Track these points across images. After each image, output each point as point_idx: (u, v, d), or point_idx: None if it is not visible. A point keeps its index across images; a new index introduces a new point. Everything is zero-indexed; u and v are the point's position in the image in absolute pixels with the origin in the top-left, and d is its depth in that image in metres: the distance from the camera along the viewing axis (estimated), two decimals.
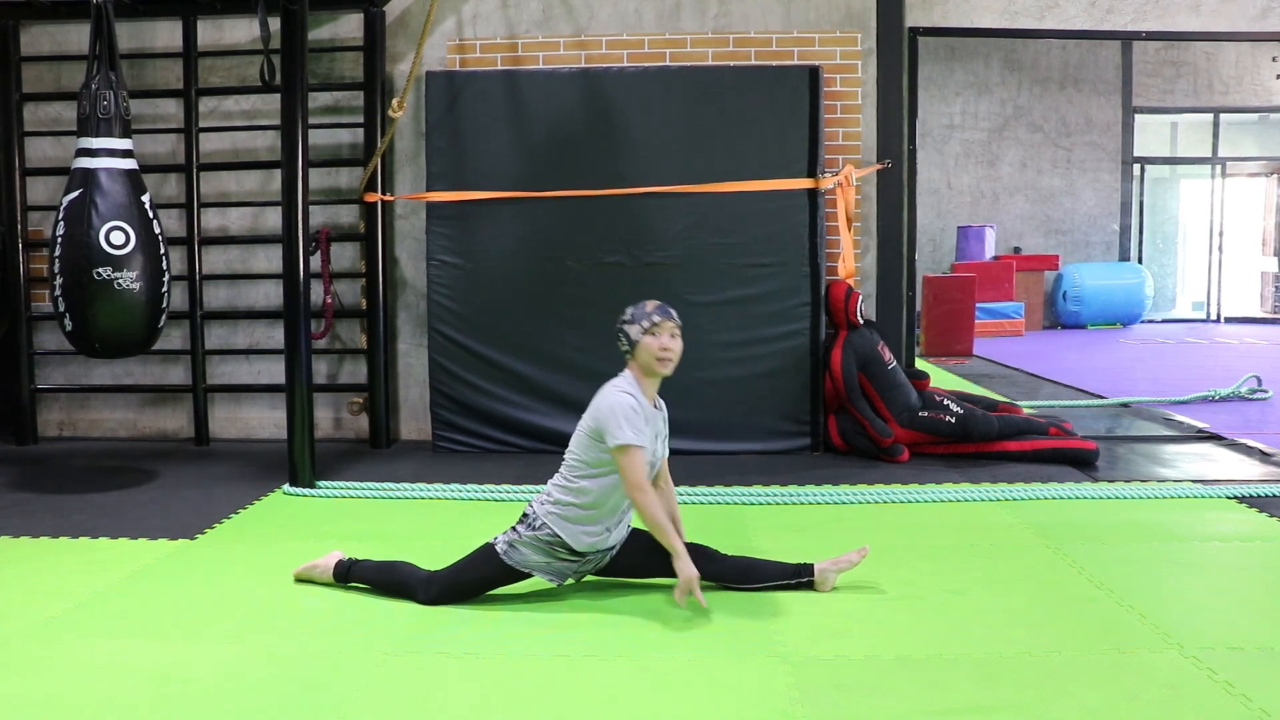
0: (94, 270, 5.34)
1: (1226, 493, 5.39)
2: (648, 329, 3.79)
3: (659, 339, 3.79)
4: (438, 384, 6.69)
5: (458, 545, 4.02)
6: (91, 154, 5.42)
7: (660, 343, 3.79)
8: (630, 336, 3.81)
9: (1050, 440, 6.27)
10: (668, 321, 3.82)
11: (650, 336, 3.79)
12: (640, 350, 3.80)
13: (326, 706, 3.02)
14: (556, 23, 6.89)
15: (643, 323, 3.80)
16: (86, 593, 4.03)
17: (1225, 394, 8.63)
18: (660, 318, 3.81)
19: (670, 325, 3.83)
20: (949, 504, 5.32)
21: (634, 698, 3.08)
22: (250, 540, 4.83)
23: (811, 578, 3.94)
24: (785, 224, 6.50)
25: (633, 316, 3.84)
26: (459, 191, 6.58)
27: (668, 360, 3.81)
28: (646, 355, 3.79)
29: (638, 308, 3.86)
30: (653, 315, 3.81)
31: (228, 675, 3.24)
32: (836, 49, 6.80)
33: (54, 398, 7.37)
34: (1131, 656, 3.31)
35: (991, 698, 3.01)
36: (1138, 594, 3.89)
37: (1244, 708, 2.91)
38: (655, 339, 3.79)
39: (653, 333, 3.79)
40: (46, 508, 5.37)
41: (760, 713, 2.95)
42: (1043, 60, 16.45)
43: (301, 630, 3.64)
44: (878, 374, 6.44)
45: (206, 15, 6.94)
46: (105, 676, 3.24)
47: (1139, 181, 17.19)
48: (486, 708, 3.02)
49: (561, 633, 3.58)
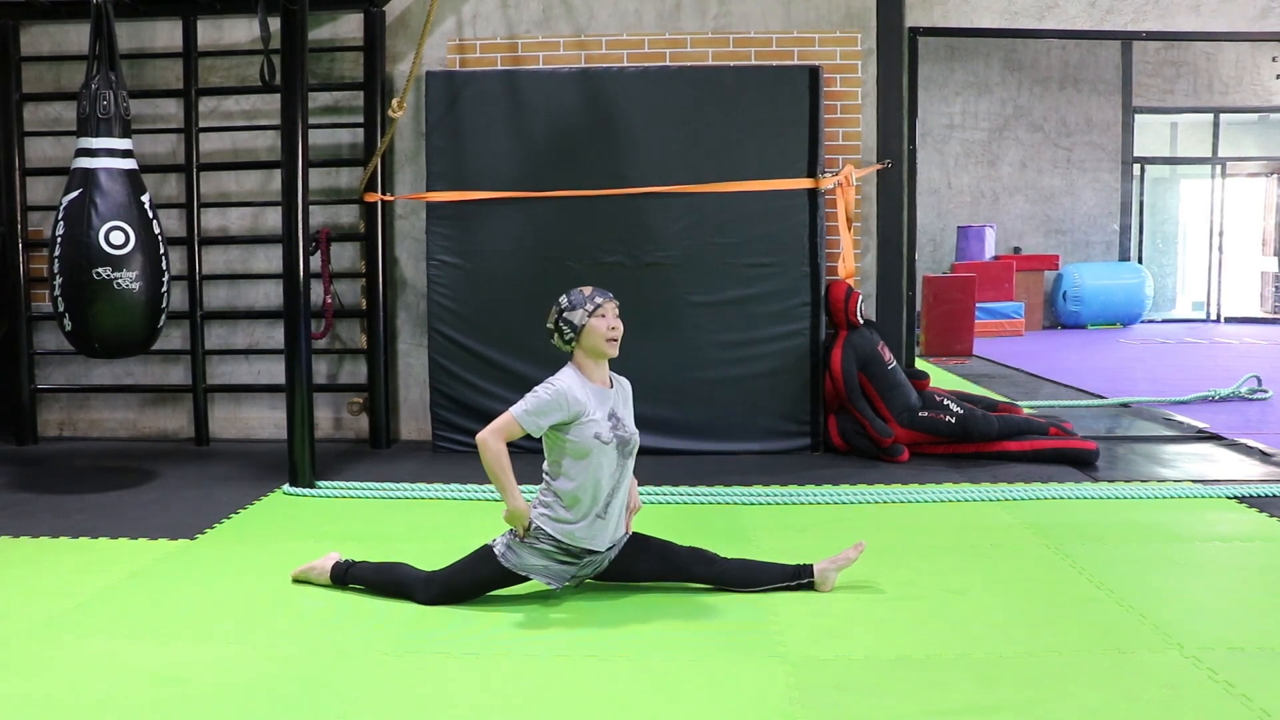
0: (94, 270, 5.34)
1: (1226, 493, 5.39)
2: (593, 311, 3.78)
3: (606, 319, 3.79)
4: (438, 384, 6.70)
5: (457, 545, 4.03)
6: (91, 154, 5.42)
7: (608, 323, 3.79)
8: (575, 323, 3.79)
9: (1050, 440, 6.27)
10: (609, 302, 3.83)
11: (597, 319, 3.78)
12: (587, 335, 3.79)
13: (326, 706, 3.02)
14: (556, 23, 6.89)
15: (586, 306, 3.79)
16: (86, 593, 4.03)
17: (1225, 394, 8.65)
18: (602, 299, 3.82)
19: (613, 305, 3.84)
20: (949, 504, 5.32)
21: (634, 698, 3.08)
22: (250, 540, 4.84)
23: (811, 578, 3.94)
24: (785, 224, 6.50)
25: (572, 303, 3.82)
26: (459, 191, 6.59)
27: (615, 340, 3.82)
28: (595, 338, 3.79)
29: (574, 294, 3.85)
30: (594, 298, 3.81)
31: (227, 675, 3.24)
32: (836, 49, 6.80)
33: (54, 398, 7.37)
34: (1132, 656, 3.32)
35: (991, 698, 3.02)
36: (1138, 594, 3.90)
37: (1244, 708, 2.92)
38: (603, 320, 3.79)
39: (599, 314, 3.79)
40: (46, 508, 5.38)
41: (760, 713, 2.96)
42: (1043, 60, 16.46)
43: (301, 630, 3.65)
44: (878, 374, 6.44)
45: (206, 15, 6.94)
46: (105, 676, 3.24)
47: (1139, 181, 17.21)
48: (486, 708, 3.03)
49: (561, 633, 3.59)
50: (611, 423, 3.81)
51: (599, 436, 3.75)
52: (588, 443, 3.74)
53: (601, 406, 3.80)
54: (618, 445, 3.81)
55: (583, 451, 3.75)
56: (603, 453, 3.77)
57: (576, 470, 3.77)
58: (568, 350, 3.86)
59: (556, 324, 3.83)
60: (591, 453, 3.75)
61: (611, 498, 3.84)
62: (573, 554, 3.83)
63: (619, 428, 3.83)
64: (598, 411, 3.77)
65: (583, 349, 3.82)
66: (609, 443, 3.78)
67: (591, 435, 3.74)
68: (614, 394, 3.90)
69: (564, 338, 3.82)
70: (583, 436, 3.74)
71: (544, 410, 3.72)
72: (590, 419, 3.75)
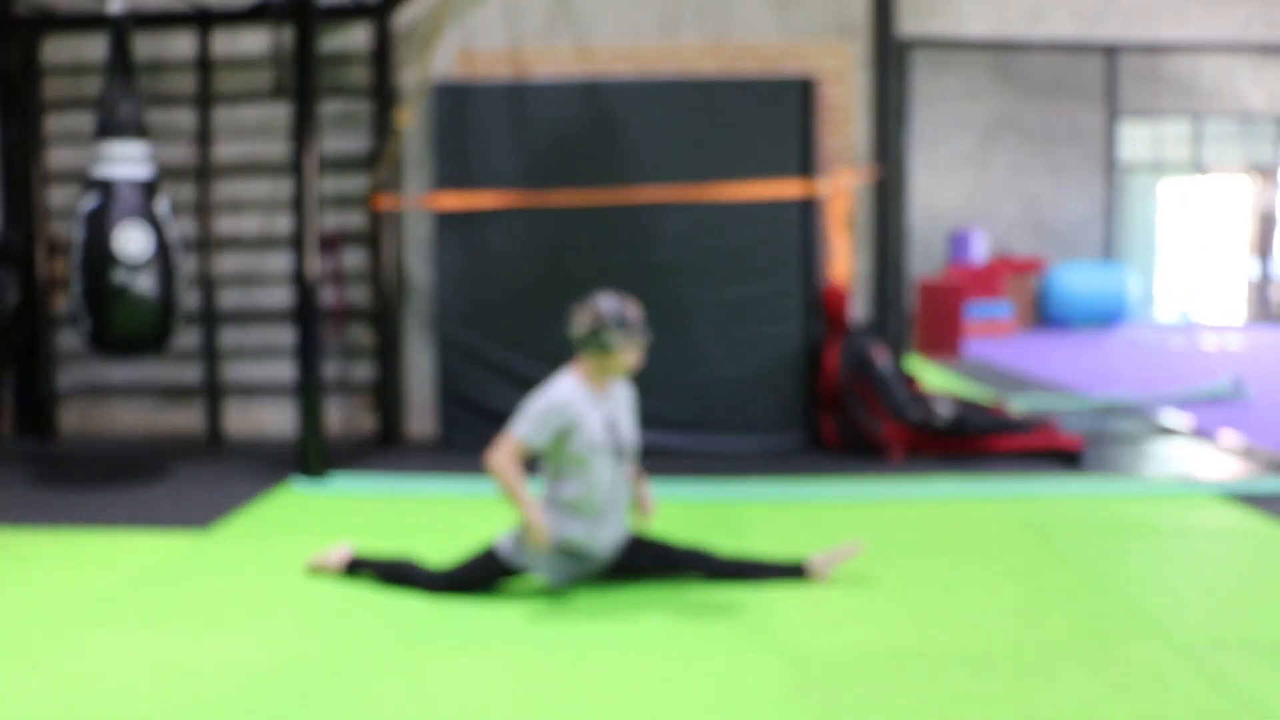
0: (112, 274, 5.45)
1: (1211, 489, 5.49)
2: (630, 341, 3.84)
3: (638, 354, 3.89)
4: (445, 383, 6.83)
5: (465, 541, 4.13)
6: (110, 161, 5.54)
7: (637, 358, 3.90)
8: (611, 342, 3.81)
9: (1039, 438, 6.40)
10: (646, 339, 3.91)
11: (632, 352, 3.87)
12: (615, 357, 3.84)
13: (335, 698, 3.09)
14: (559, 33, 7.02)
15: (630, 334, 3.83)
16: (103, 586, 4.12)
17: (1208, 393, 8.76)
18: (643, 336, 3.88)
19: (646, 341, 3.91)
20: (942, 501, 5.39)
21: (633, 692, 3.13)
22: (262, 534, 4.92)
23: (807, 574, 4.03)
24: (780, 228, 6.64)
25: (618, 321, 3.81)
26: (465, 196, 6.73)
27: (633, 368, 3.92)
28: (619, 365, 3.87)
29: (620, 309, 3.83)
30: (637, 332, 3.85)
31: (239, 666, 3.31)
32: (830, 58, 6.95)
33: (73, 397, 7.51)
34: (1119, 649, 3.39)
35: (984, 690, 3.09)
36: (1125, 588, 3.99)
37: (1229, 698, 3.00)
38: (634, 353, 3.88)
39: (636, 346, 3.86)
40: (66, 503, 5.47)
41: (757, 705, 3.01)
42: (1031, 69, 16.59)
43: (311, 623, 3.72)
44: (871, 374, 6.57)
45: (221, 27, 7.07)
46: (119, 667, 3.32)
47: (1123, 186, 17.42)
48: (491, 701, 3.07)
49: (561, 629, 3.64)
50: (607, 428, 3.86)
51: (593, 443, 3.79)
52: (584, 450, 3.79)
53: (597, 411, 3.85)
54: (613, 451, 3.86)
55: (580, 459, 3.80)
56: (599, 459, 3.82)
57: (574, 477, 3.83)
58: (586, 351, 3.86)
59: (594, 328, 3.81)
60: (588, 459, 3.80)
61: (610, 502, 3.89)
62: (575, 553, 3.92)
63: (615, 433, 3.88)
64: (593, 416, 3.83)
65: (597, 362, 3.87)
66: (604, 449, 3.83)
67: (586, 442, 3.79)
68: (610, 400, 3.95)
69: (584, 338, 3.83)
70: (579, 445, 3.79)
71: (541, 423, 3.78)
72: (585, 426, 3.79)
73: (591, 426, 3.80)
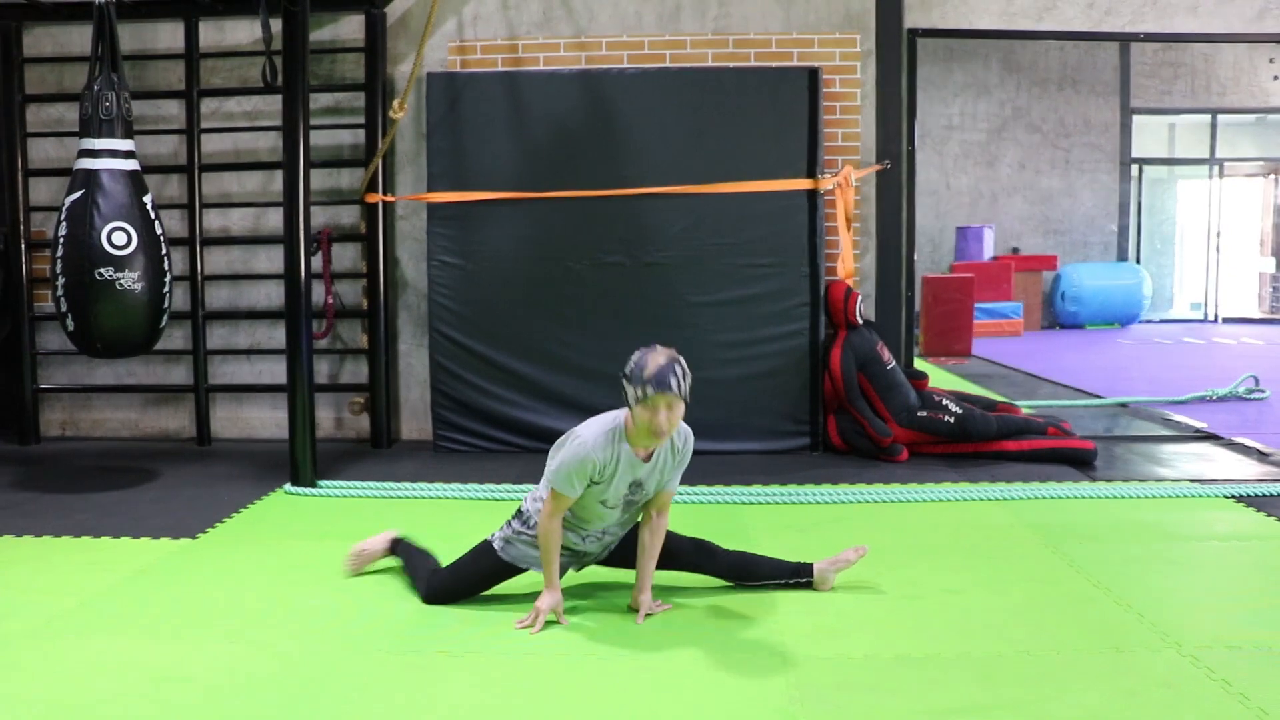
0: (96, 271, 5.35)
1: (1224, 492, 5.41)
2: (643, 399, 3.38)
3: (656, 414, 3.38)
4: (438, 384, 6.72)
5: (459, 544, 4.04)
6: (93, 155, 5.44)
7: (655, 418, 3.38)
8: (627, 397, 3.46)
9: (1048, 440, 6.29)
10: (664, 395, 3.35)
11: (646, 410, 3.40)
12: (635, 414, 3.45)
13: (328, 705, 3.04)
14: (557, 24, 6.91)
15: (638, 390, 3.37)
16: (89, 592, 4.04)
17: (1223, 394, 8.67)
18: (655, 390, 3.34)
19: (667, 399, 3.36)
20: (948, 504, 5.34)
21: (634, 697, 3.09)
22: (252, 539, 4.85)
23: (810, 577, 3.95)
24: (785, 225, 6.52)
25: (632, 374, 3.41)
26: (460, 192, 6.60)
27: (662, 433, 3.42)
28: (637, 423, 3.47)
29: (640, 362, 3.40)
30: (648, 385, 3.35)
31: (229, 674, 3.25)
32: (836, 50, 6.82)
33: (56, 397, 7.39)
34: (1130, 655, 3.33)
35: (991, 697, 3.03)
36: (1136, 593, 3.91)
37: (1242, 706, 2.93)
38: (648, 412, 3.39)
39: (650, 406, 3.38)
40: (49, 507, 5.39)
41: (760, 712, 2.96)
42: (1041, 61, 16.49)
43: (302, 629, 3.66)
44: (877, 374, 6.46)
45: (208, 16, 6.96)
46: (106, 675, 3.25)
47: (1137, 182, 17.24)
48: (487, 707, 3.04)
49: (561, 632, 3.60)
50: (628, 490, 3.62)
51: (604, 502, 3.63)
52: (597, 495, 3.62)
53: (626, 473, 3.57)
54: (623, 508, 3.70)
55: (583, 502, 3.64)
56: (609, 505, 3.67)
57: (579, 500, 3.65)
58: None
59: (622, 381, 3.48)
60: (591, 505, 3.66)
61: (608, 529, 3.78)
62: (571, 548, 3.82)
63: (632, 494, 3.66)
64: (618, 478, 3.57)
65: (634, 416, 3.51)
66: (614, 508, 3.67)
67: (598, 501, 3.62)
68: (648, 465, 3.59)
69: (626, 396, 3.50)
70: (589, 498, 3.62)
71: (571, 475, 3.50)
72: (604, 485, 3.57)
73: (610, 485, 3.59)
